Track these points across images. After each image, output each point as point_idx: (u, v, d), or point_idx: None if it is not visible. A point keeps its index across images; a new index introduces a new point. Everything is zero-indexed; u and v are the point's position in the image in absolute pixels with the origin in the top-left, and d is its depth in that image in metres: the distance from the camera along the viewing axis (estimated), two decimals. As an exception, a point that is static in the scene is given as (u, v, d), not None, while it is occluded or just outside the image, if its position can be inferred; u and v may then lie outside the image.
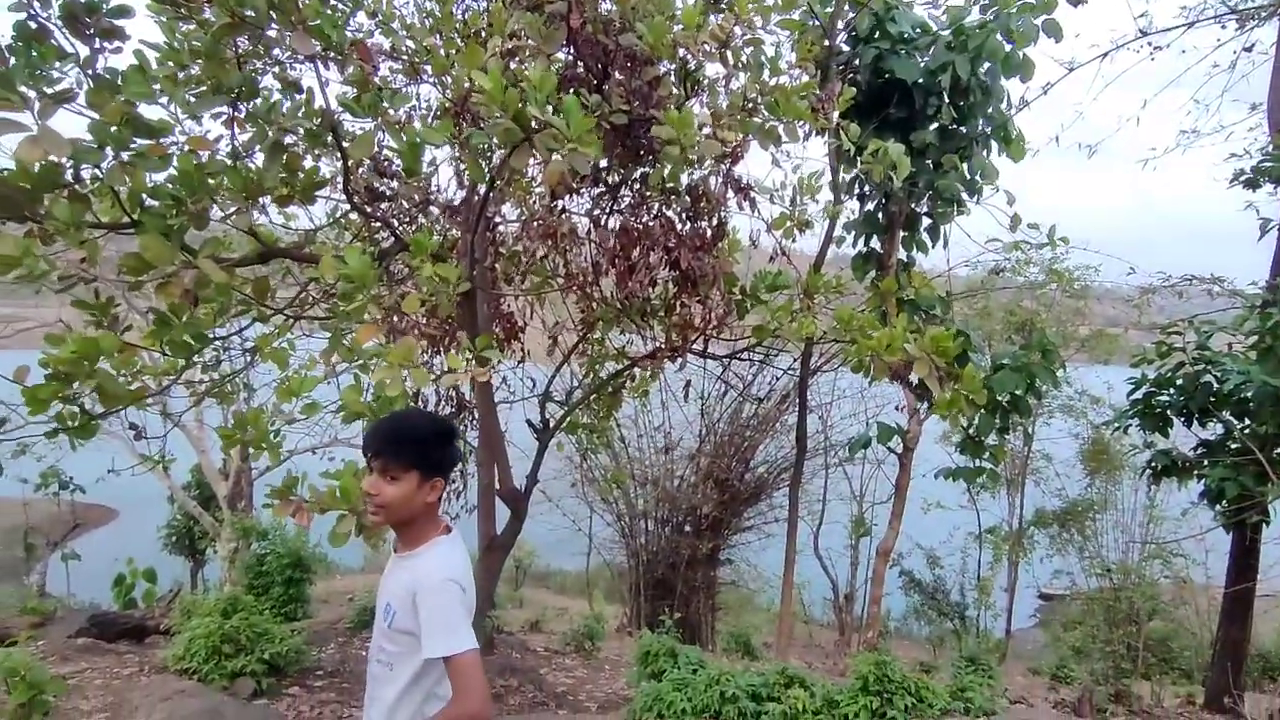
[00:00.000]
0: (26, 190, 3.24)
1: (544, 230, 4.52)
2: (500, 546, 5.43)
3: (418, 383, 2.81)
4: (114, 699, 4.89)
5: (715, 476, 10.18)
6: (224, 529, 10.10)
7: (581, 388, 6.02)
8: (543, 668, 7.16)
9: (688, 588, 10.43)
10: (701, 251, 4.34)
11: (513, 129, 2.80)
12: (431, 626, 1.89)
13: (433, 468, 1.99)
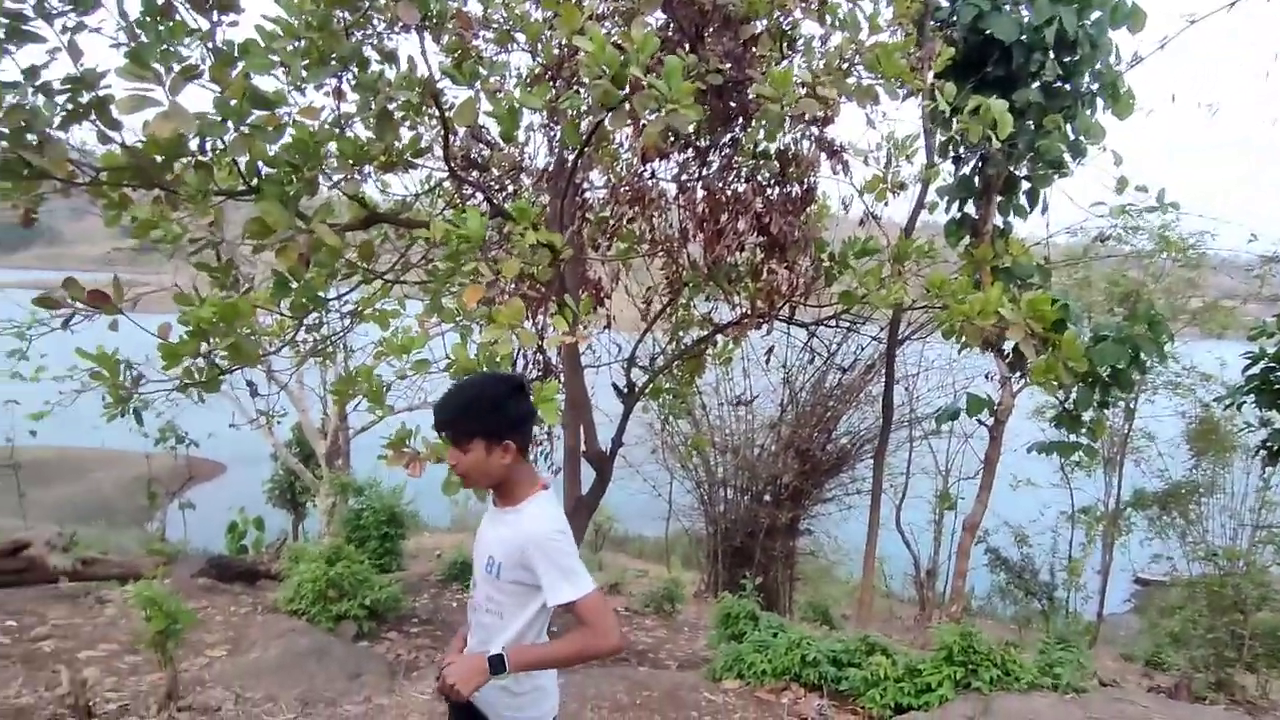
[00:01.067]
0: (156, 161, 3.47)
1: (633, 195, 4.56)
2: (585, 507, 5.58)
3: (524, 343, 2.91)
4: (233, 633, 5.29)
5: (796, 446, 10.12)
6: (322, 484, 10.66)
7: (665, 353, 6.08)
8: (624, 626, 7.34)
9: (766, 556, 10.46)
10: (791, 216, 4.30)
11: (611, 90, 2.83)
12: (553, 575, 1.95)
13: (494, 432, 1.99)
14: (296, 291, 3.68)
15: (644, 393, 5.50)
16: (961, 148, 6.36)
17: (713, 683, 4.94)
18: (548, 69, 4.30)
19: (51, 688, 4.11)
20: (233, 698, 4.27)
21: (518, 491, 2.07)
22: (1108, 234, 8.50)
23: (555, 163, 4.89)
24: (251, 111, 3.30)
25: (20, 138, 3.15)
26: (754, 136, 4.00)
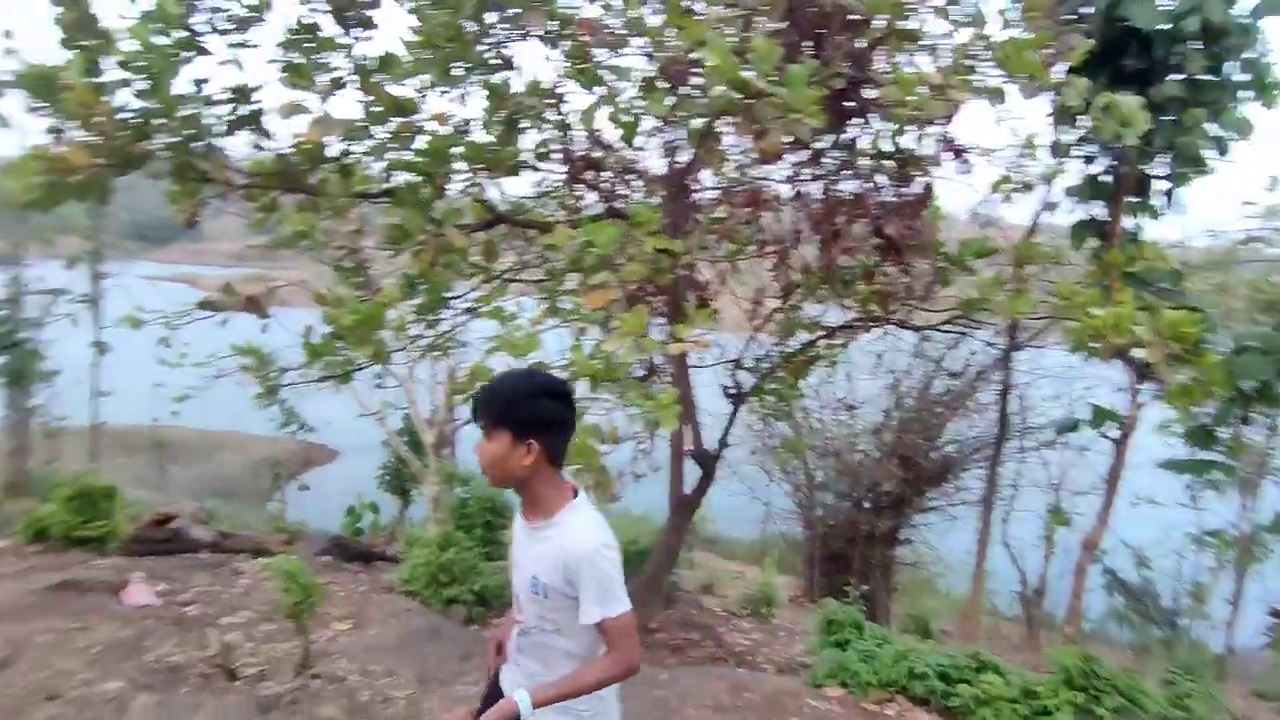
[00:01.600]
0: (301, 167, 3.73)
1: (747, 197, 4.56)
2: (688, 506, 5.63)
3: (648, 351, 2.97)
4: (355, 610, 5.60)
5: (900, 453, 9.87)
6: (429, 473, 11.10)
7: (771, 356, 6.05)
8: (720, 627, 7.34)
9: (864, 564, 10.25)
10: (909, 218, 4.21)
11: (734, 99, 2.86)
12: (590, 593, 1.90)
13: (522, 427, 1.91)
14: (424, 291, 3.87)
15: (752, 394, 5.50)
16: (1091, 146, 6.06)
17: (814, 689, 4.90)
18: (665, 73, 4.36)
19: (201, 648, 4.47)
20: (357, 670, 4.53)
21: (548, 504, 1.99)
22: (1255, 235, 7.89)
23: (669, 165, 4.94)
24: (391, 118, 3.50)
25: (188, 145, 3.44)
26: (878, 139, 3.93)
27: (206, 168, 3.38)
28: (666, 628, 6.03)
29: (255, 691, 4.03)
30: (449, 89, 3.82)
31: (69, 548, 6.52)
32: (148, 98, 3.19)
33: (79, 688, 3.89)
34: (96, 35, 3.21)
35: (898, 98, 3.28)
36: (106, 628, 4.76)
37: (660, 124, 5.11)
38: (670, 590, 7.33)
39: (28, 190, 3.36)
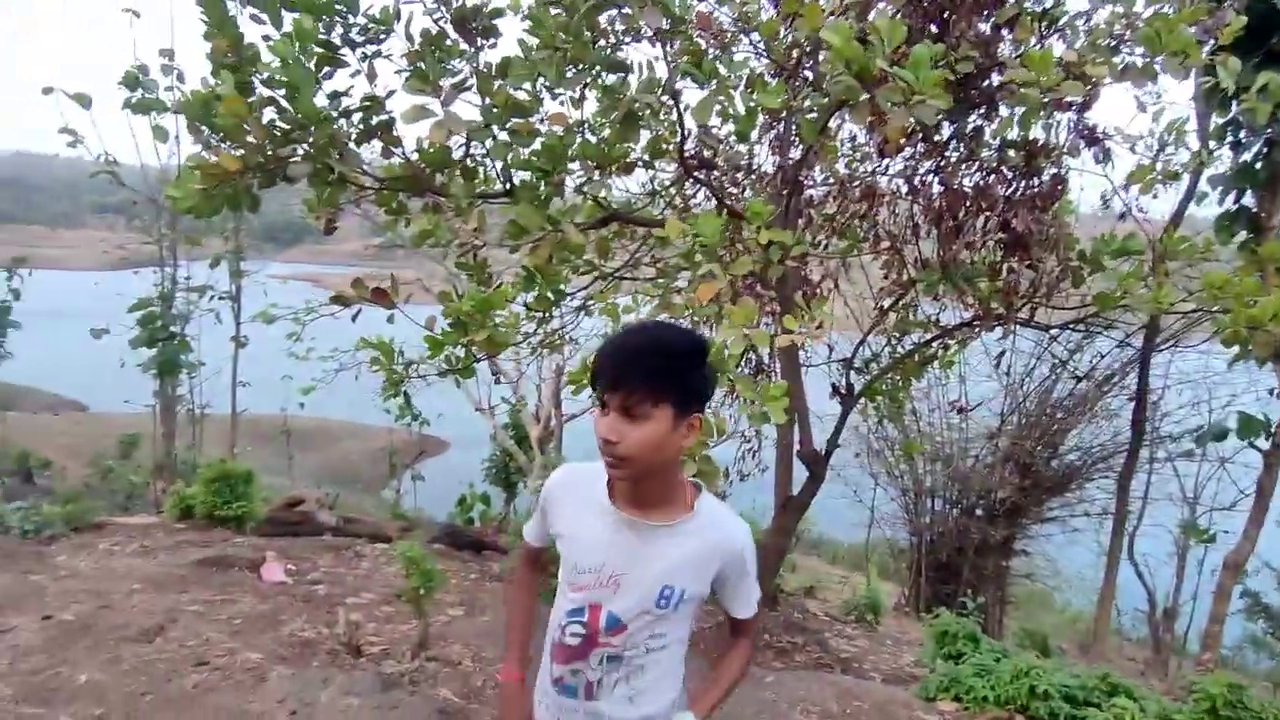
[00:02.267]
0: (427, 171, 3.88)
1: (864, 190, 4.45)
2: (797, 507, 5.54)
3: (758, 344, 2.95)
4: (466, 596, 5.81)
5: (1016, 459, 9.40)
6: (534, 467, 11.38)
7: (883, 355, 5.88)
8: (825, 632, 7.21)
9: (976, 575, 9.82)
10: (1038, 211, 4.00)
11: (854, 86, 2.79)
12: (748, 586, 1.70)
13: (689, 399, 1.50)
14: (540, 286, 3.97)
15: (864, 395, 5.36)
16: (1243, 131, 5.60)
17: (926, 702, 4.73)
18: (780, 66, 4.30)
19: (329, 626, 4.73)
20: (470, 655, 4.69)
21: (676, 492, 1.63)
22: None
23: (780, 160, 4.88)
24: (510, 119, 3.60)
25: (325, 151, 3.64)
26: (1006, 126, 3.75)
27: (343, 171, 3.57)
28: (771, 630, 5.96)
29: (378, 669, 4.24)
30: (565, 90, 3.89)
31: (211, 526, 7.05)
32: (290, 111, 3.40)
33: (223, 656, 4.20)
34: (244, 57, 3.45)
35: (1028, 80, 3.12)
36: (246, 601, 5.11)
37: (772, 120, 5.07)
38: (774, 592, 7.24)
39: (187, 199, 3.64)
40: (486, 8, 3.66)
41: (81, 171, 9.39)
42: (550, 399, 11.54)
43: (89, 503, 8.69)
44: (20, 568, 5.34)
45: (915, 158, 4.69)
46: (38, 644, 4.05)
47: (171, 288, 9.06)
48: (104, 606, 4.68)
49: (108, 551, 6.20)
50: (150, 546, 6.38)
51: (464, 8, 3.64)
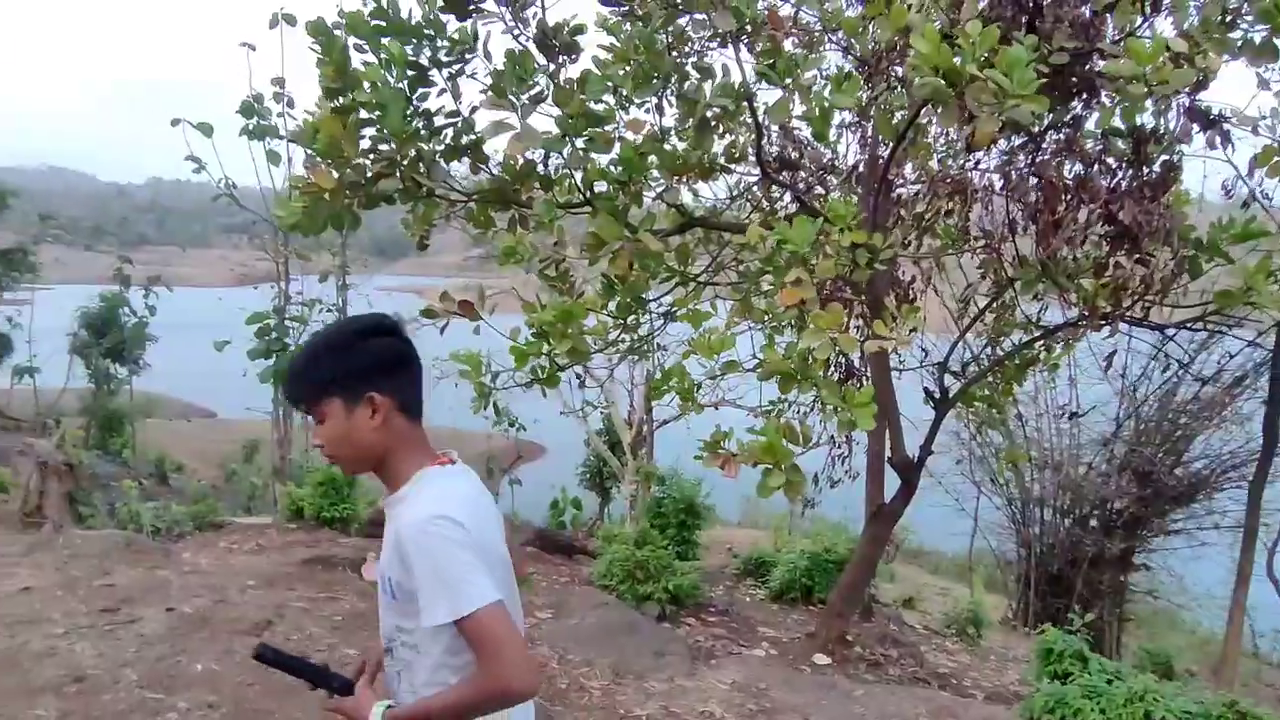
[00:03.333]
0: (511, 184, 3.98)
1: (954, 187, 4.27)
2: (889, 514, 5.37)
3: (846, 349, 2.88)
4: (556, 599, 5.90)
5: (1135, 467, 8.81)
6: (627, 472, 11.46)
7: (981, 358, 5.62)
8: (922, 645, 6.95)
9: (1091, 590, 9.25)
10: (1147, 201, 3.74)
11: (941, 88, 2.69)
12: (429, 586, 1.42)
13: (351, 380, 1.50)
14: (621, 294, 4.00)
15: (958, 400, 5.14)
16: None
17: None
18: (862, 65, 4.19)
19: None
20: (557, 657, 4.76)
21: (401, 467, 1.55)
22: None
23: (867, 160, 4.75)
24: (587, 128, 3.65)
25: (414, 168, 3.80)
26: (1108, 117, 3.52)
27: (430, 185, 3.70)
28: (864, 641, 5.79)
29: (469, 668, 4.36)
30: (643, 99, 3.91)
31: (319, 526, 7.44)
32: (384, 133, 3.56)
33: (324, 651, 4.41)
34: (349, 82, 3.64)
35: (1133, 72, 2.92)
36: (348, 599, 5.36)
37: (857, 118, 4.94)
38: (868, 603, 7.04)
39: (291, 216, 3.86)
40: (567, 26, 3.73)
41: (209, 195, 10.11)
42: (642, 405, 11.62)
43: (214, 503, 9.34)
44: (149, 563, 5.77)
45: (1010, 151, 4.47)
46: (161, 634, 4.37)
47: (285, 301, 9.62)
48: (220, 601, 5.00)
49: (226, 549, 6.63)
50: (264, 545, 6.78)
51: (544, 25, 3.72)
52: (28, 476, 6.74)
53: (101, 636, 4.26)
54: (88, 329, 19.71)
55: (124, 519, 7.43)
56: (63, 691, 3.62)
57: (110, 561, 5.54)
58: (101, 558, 5.58)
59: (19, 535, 6.24)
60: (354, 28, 3.56)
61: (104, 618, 4.51)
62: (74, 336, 19.52)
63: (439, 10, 3.59)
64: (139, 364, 19.39)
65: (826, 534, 7.66)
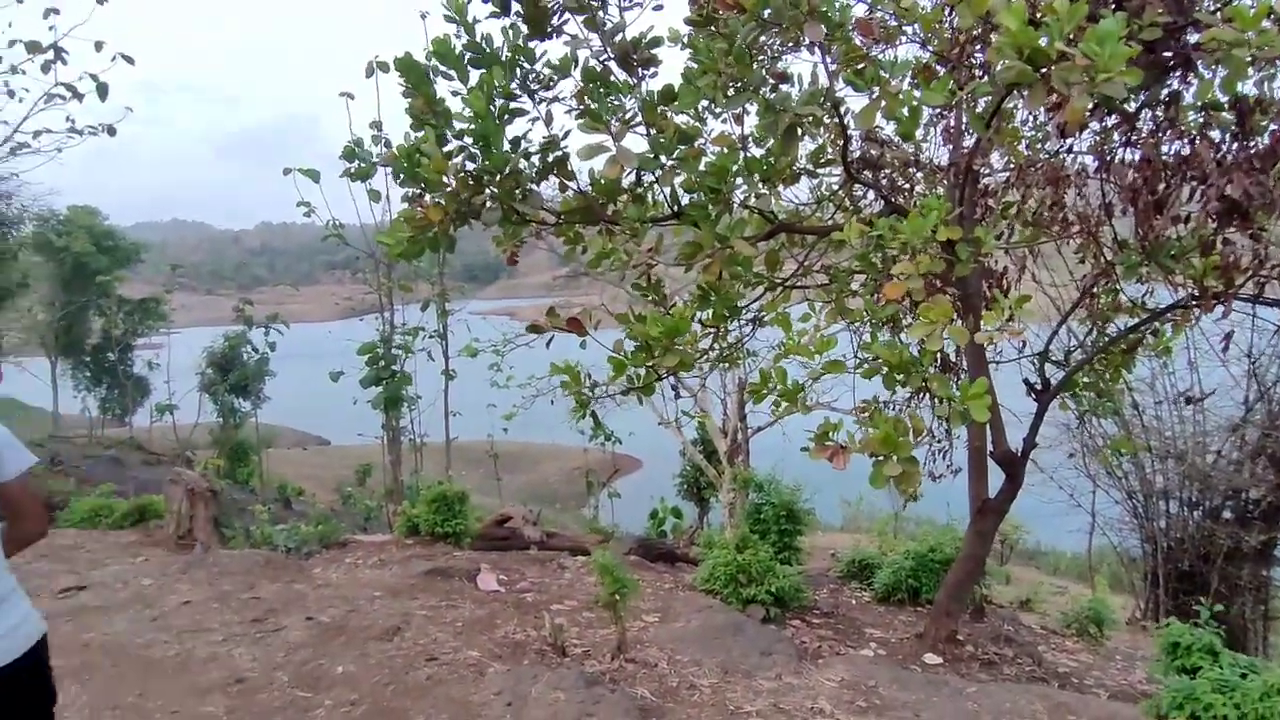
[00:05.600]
0: (600, 201, 4.17)
1: (1047, 175, 4.21)
2: (993, 510, 5.27)
3: (957, 340, 2.90)
4: (661, 604, 6.04)
5: (1271, 453, 8.25)
6: (724, 480, 11.52)
7: (1084, 346, 5.46)
8: (1040, 645, 6.72)
9: (1227, 585, 8.68)
10: (1260, 173, 3.60)
11: (1025, 70, 2.70)
12: None
13: None
14: (715, 304, 4.12)
15: (1060, 390, 5.02)
16: None
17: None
18: (943, 58, 4.20)
19: (537, 629, 5.13)
20: (666, 658, 4.89)
21: None
22: None
23: (952, 152, 4.73)
24: (678, 146, 3.80)
25: (510, 194, 4.03)
26: (1207, 89, 3.41)
27: (525, 211, 3.92)
28: (976, 641, 5.67)
29: (582, 668, 4.54)
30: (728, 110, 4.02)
31: (434, 541, 7.82)
32: (481, 158, 3.80)
33: (449, 654, 4.69)
34: (439, 114, 3.91)
35: (1235, 38, 2.83)
36: (466, 607, 5.66)
37: (940, 110, 4.92)
38: (980, 602, 6.87)
39: (397, 246, 4.16)
40: (645, 39, 3.89)
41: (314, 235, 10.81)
42: (735, 413, 11.68)
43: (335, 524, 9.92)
44: (286, 578, 6.24)
45: (1103, 131, 4.37)
46: (304, 640, 4.74)
47: (390, 331, 10.19)
48: (352, 610, 5.37)
49: (353, 565, 7.07)
50: (386, 560, 7.19)
51: (624, 43, 3.90)
52: (178, 503, 7.39)
53: (254, 643, 4.66)
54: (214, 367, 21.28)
55: (258, 540, 8.01)
56: (227, 691, 4.00)
57: (254, 577, 6.03)
58: (246, 574, 6.08)
59: (175, 555, 6.86)
60: (442, 58, 3.80)
61: (254, 627, 4.93)
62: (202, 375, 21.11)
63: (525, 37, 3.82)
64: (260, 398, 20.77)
65: (931, 534, 7.51)
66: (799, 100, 3.38)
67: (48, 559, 6.81)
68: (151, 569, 6.34)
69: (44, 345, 27.44)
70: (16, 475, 2.22)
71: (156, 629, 4.89)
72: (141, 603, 5.42)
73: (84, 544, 7.57)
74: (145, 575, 6.13)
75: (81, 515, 9.45)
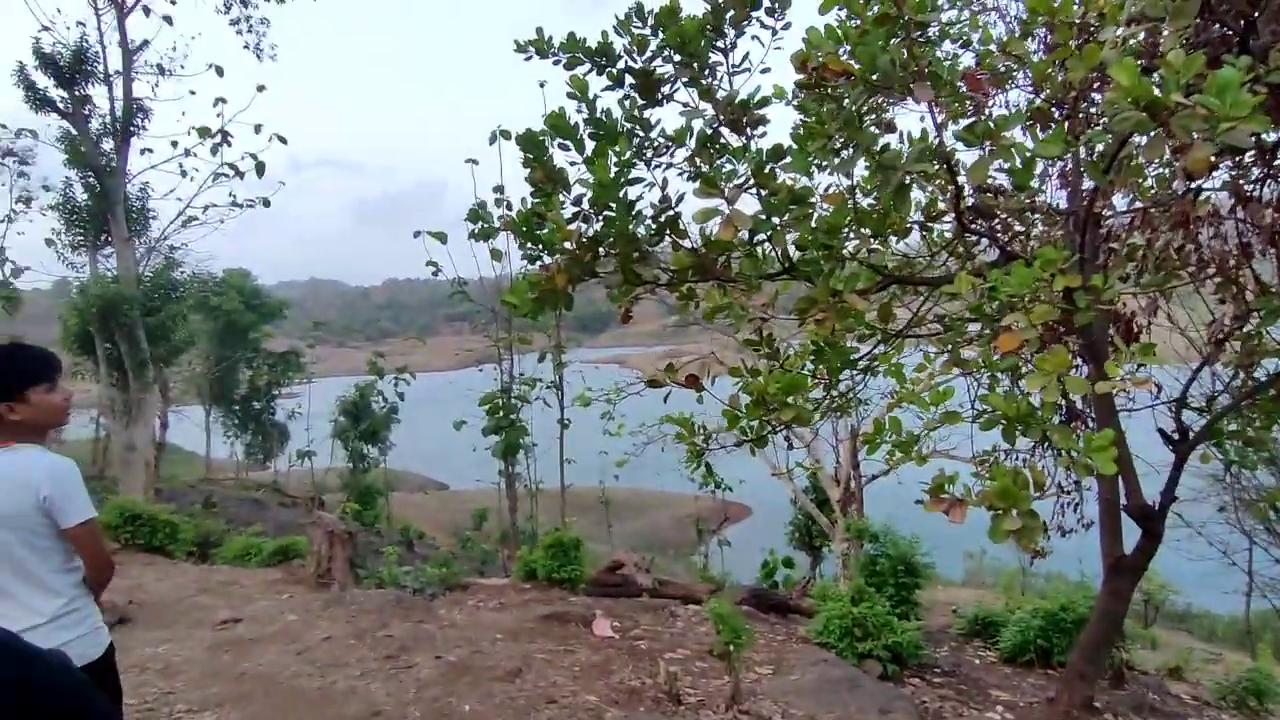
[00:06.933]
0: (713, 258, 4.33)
1: (1176, 216, 4.07)
2: (1129, 567, 4.98)
3: (1075, 391, 2.85)
4: (774, 656, 5.99)
5: None
6: (837, 530, 11.28)
7: (1230, 391, 5.12)
8: (1190, 718, 6.20)
9: None
10: None
11: (1143, 119, 2.69)
12: None
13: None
14: (830, 359, 4.18)
15: (1202, 439, 4.73)
16: None
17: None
18: (1056, 104, 4.17)
19: (651, 676, 5.20)
20: (780, 711, 4.85)
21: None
22: None
23: (1070, 196, 4.64)
24: (790, 207, 3.93)
25: (629, 256, 4.26)
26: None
27: (641, 271, 4.13)
28: (1115, 709, 5.32)
29: (697, 717, 4.57)
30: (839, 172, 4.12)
31: (550, 586, 8.04)
32: (600, 223, 4.06)
33: (568, 697, 4.82)
34: (558, 182, 4.21)
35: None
36: (582, 652, 5.79)
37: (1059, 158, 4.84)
38: (1120, 667, 6.43)
39: (523, 305, 4.46)
40: (754, 100, 4.07)
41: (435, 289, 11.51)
42: (848, 461, 11.47)
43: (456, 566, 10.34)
44: (415, 618, 6.57)
45: (1237, 167, 4.20)
46: (434, 678, 4.99)
47: (509, 381, 10.67)
48: (476, 651, 5.60)
49: (475, 607, 7.36)
50: (505, 603, 7.45)
51: (734, 106, 4.09)
52: (319, 544, 7.94)
53: (388, 679, 4.95)
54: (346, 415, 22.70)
55: (386, 580, 8.47)
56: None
57: (386, 616, 6.39)
58: (380, 612, 6.45)
59: (315, 593, 7.36)
60: (558, 131, 4.10)
61: (388, 663, 5.23)
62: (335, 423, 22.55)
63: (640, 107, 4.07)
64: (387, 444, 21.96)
65: (1063, 591, 7.11)
66: (909, 158, 3.45)
67: (208, 594, 7.45)
68: (296, 605, 6.83)
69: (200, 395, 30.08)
70: (76, 524, 2.55)
71: (302, 662, 5.27)
72: (288, 637, 5.85)
73: (237, 580, 8.23)
74: (290, 611, 6.61)
75: (234, 553, 10.27)
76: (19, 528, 2.49)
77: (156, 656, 5.43)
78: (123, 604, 6.58)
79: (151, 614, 6.61)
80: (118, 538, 9.46)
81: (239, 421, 31.00)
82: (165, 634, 6.04)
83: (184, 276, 17.48)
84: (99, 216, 15.86)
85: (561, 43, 4.30)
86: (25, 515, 2.48)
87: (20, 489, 2.47)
